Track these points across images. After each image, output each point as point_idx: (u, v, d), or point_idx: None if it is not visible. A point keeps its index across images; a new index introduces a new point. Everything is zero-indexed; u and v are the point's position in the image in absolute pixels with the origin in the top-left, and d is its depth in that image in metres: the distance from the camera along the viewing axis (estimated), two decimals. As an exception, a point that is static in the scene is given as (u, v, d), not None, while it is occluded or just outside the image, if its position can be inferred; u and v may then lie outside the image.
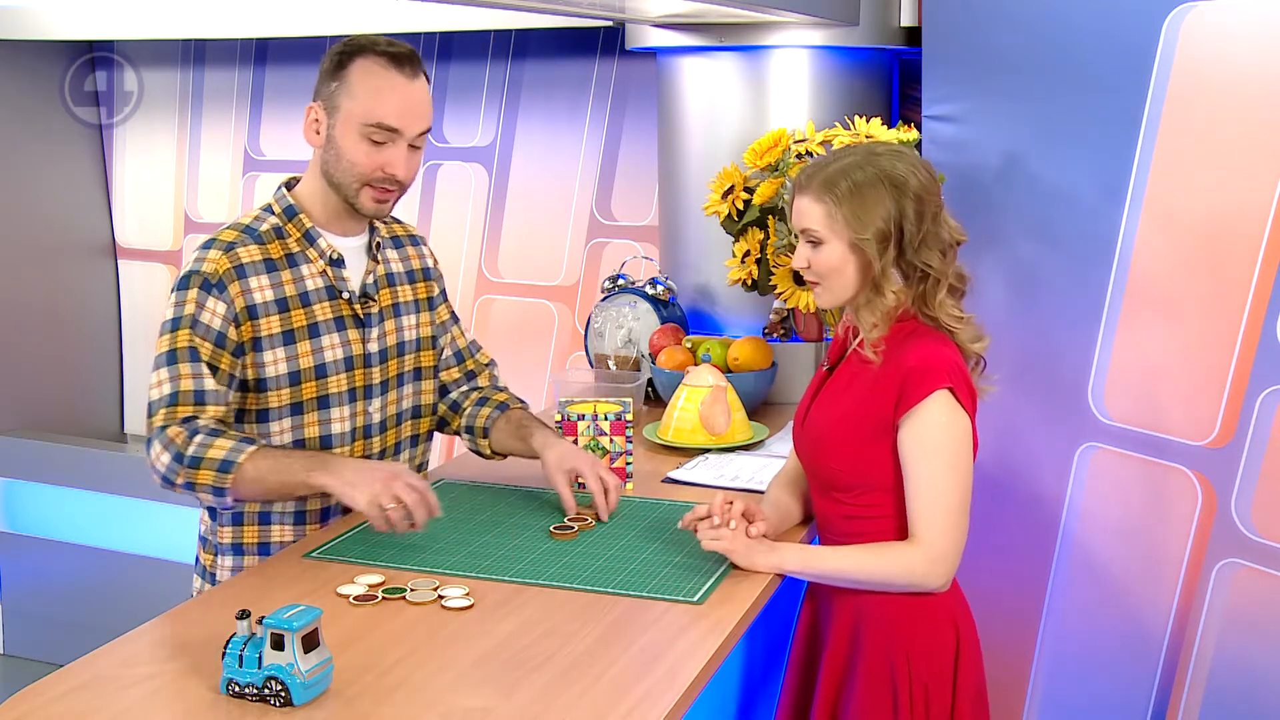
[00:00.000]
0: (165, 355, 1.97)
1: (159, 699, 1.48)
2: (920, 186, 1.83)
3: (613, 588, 1.81)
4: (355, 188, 2.01)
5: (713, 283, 3.06)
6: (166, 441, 1.92)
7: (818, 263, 1.87)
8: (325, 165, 2.03)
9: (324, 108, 2.01)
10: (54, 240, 4.38)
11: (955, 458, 1.82)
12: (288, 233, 2.06)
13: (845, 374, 1.93)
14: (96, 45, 4.40)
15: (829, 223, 1.84)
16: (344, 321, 2.07)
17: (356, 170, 1.99)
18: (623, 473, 2.27)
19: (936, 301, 1.85)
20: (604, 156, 3.71)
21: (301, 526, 2.08)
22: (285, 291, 2.02)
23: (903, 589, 1.85)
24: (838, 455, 1.89)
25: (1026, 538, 2.57)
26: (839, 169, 1.85)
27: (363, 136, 1.98)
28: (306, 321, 2.03)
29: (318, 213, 2.07)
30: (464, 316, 3.89)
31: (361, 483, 1.88)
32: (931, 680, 1.87)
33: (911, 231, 1.82)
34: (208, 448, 1.90)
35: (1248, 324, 2.27)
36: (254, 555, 2.08)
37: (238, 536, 2.08)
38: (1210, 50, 2.30)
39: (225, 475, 1.89)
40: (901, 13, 2.93)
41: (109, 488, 4.03)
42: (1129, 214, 2.41)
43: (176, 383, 1.95)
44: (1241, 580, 2.33)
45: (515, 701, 1.48)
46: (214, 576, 2.12)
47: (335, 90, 1.99)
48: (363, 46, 2.00)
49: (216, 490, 1.91)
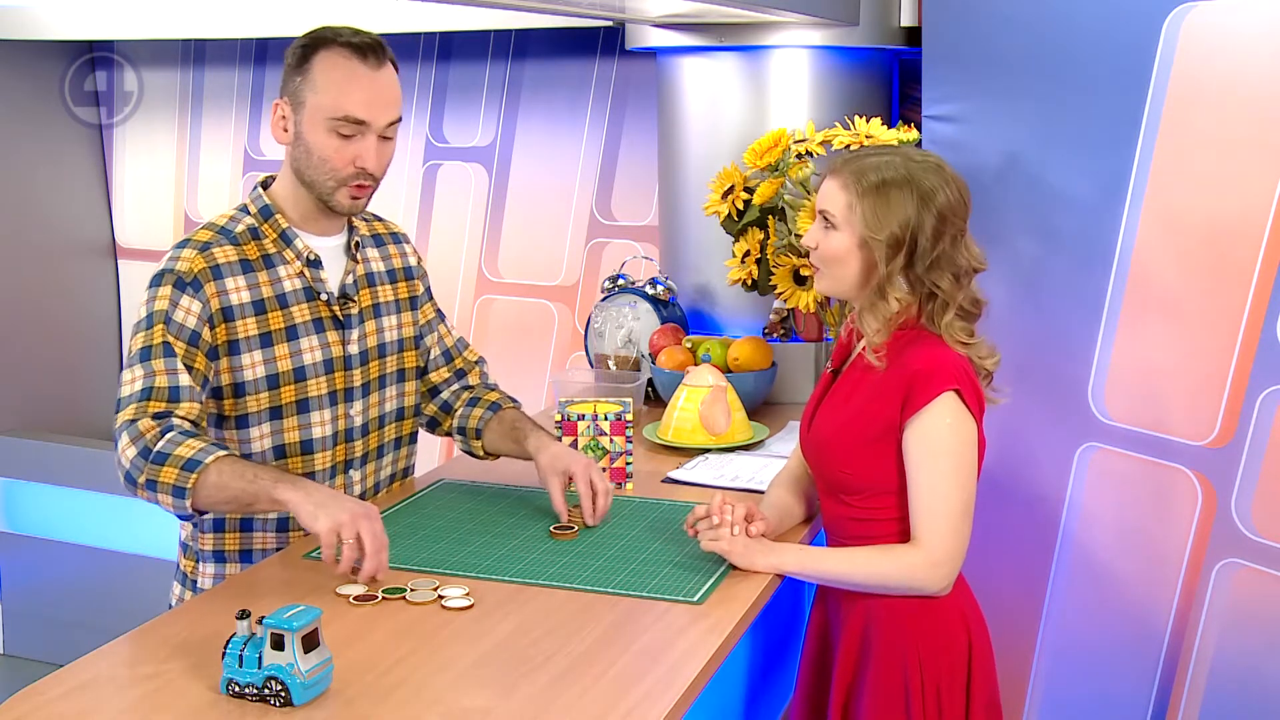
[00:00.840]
0: (140, 352, 1.90)
1: (159, 699, 1.48)
2: (946, 205, 1.81)
3: (613, 588, 1.81)
4: (330, 185, 1.96)
5: (713, 283, 3.05)
6: (136, 435, 1.83)
7: (825, 247, 1.87)
8: (296, 163, 1.98)
9: (290, 104, 1.96)
10: (54, 240, 4.38)
11: (959, 461, 1.81)
12: (264, 233, 2.00)
13: (851, 377, 1.92)
14: (96, 45, 4.40)
15: (847, 212, 1.84)
16: (323, 323, 2.02)
17: (328, 166, 1.94)
18: (622, 473, 2.27)
19: (943, 323, 1.83)
20: (604, 156, 3.71)
21: (285, 534, 2.03)
22: (262, 293, 1.97)
23: (903, 592, 1.85)
24: (844, 458, 1.89)
25: (1026, 538, 2.57)
26: (873, 163, 1.84)
27: (330, 131, 1.93)
28: (284, 324, 1.98)
29: (293, 212, 2.02)
30: (464, 316, 3.89)
31: (330, 508, 1.77)
32: (945, 683, 1.86)
33: (925, 246, 1.80)
34: (177, 445, 1.82)
35: (1248, 324, 2.27)
36: (236, 563, 2.03)
37: (219, 543, 2.03)
38: (1210, 50, 2.30)
39: (189, 475, 1.79)
40: (901, 13, 2.93)
41: (109, 488, 4.02)
42: (1129, 214, 2.41)
43: (151, 379, 1.87)
44: (1241, 580, 2.33)
45: (515, 701, 1.48)
46: (195, 584, 2.07)
47: (300, 85, 1.94)
48: (325, 38, 1.94)
49: (177, 490, 1.80)
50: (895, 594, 1.85)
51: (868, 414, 1.85)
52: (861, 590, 1.87)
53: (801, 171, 2.67)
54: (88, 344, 4.50)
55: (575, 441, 2.26)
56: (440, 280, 3.88)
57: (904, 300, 1.83)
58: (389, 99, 1.97)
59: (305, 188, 1.98)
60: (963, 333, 1.85)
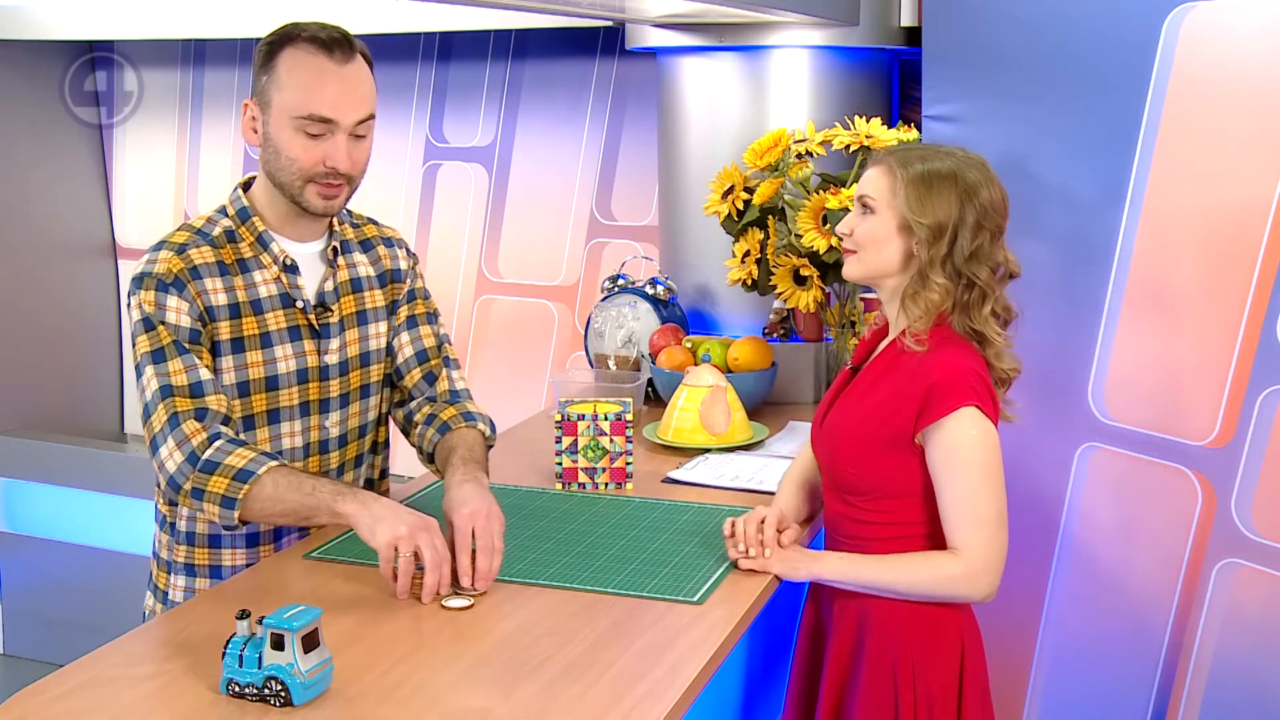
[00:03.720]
0: (148, 355, 1.84)
1: (159, 699, 1.48)
2: (989, 202, 1.83)
3: (613, 588, 1.81)
4: (299, 185, 1.88)
5: (713, 283, 3.06)
6: (182, 439, 1.79)
7: (862, 231, 1.87)
8: (266, 165, 1.91)
9: (258, 104, 1.89)
10: (54, 240, 4.38)
11: (988, 470, 1.80)
12: (240, 236, 1.94)
13: (868, 378, 1.92)
14: (96, 45, 4.40)
15: (889, 195, 1.84)
16: (299, 331, 1.95)
17: (296, 166, 1.87)
18: (623, 473, 2.27)
19: (983, 314, 1.84)
20: (604, 156, 3.71)
21: (255, 549, 1.98)
22: (238, 297, 1.90)
23: (946, 600, 1.85)
24: (853, 459, 1.89)
25: (1026, 538, 2.57)
26: (920, 154, 1.86)
27: (297, 130, 1.85)
28: (259, 330, 1.91)
29: (270, 215, 1.95)
30: (464, 316, 3.89)
31: (388, 522, 1.74)
32: (936, 688, 1.86)
33: (966, 240, 1.81)
34: (227, 454, 1.79)
35: (1248, 324, 2.27)
36: (205, 578, 1.98)
37: (190, 556, 1.98)
38: (1210, 50, 2.30)
39: (240, 485, 1.76)
40: (901, 13, 2.93)
41: (109, 488, 4.03)
42: (1129, 214, 2.41)
43: (167, 377, 1.82)
44: (1241, 580, 2.33)
45: (515, 701, 1.48)
46: (166, 595, 2.01)
47: (266, 84, 1.87)
48: (290, 34, 1.86)
49: (227, 501, 1.77)
50: (938, 602, 1.85)
51: (880, 416, 1.85)
52: (903, 599, 1.86)
53: (801, 171, 2.68)
54: (88, 344, 4.50)
55: (575, 442, 2.26)
56: (440, 280, 3.90)
57: (945, 289, 1.83)
58: (358, 96, 1.88)
59: (277, 189, 1.91)
60: (998, 327, 1.86)
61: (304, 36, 1.86)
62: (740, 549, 1.89)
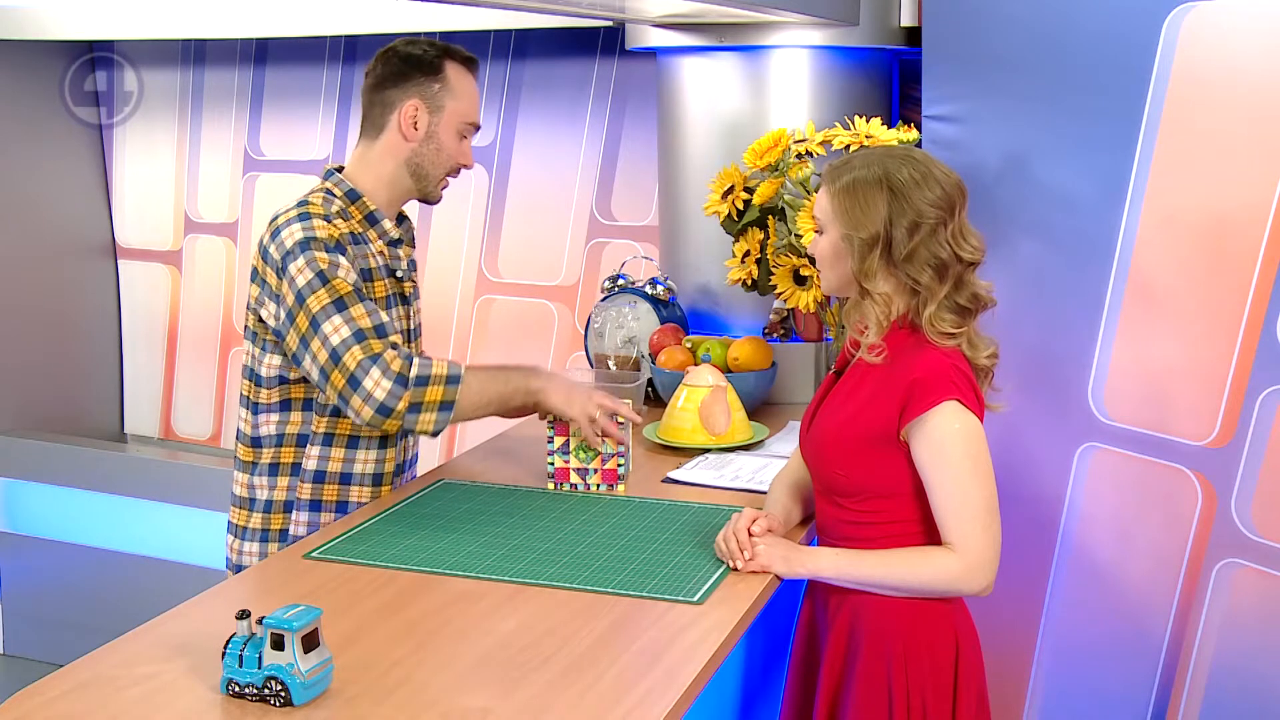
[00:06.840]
0: (330, 305, 2.03)
1: (159, 699, 1.48)
2: (927, 199, 1.81)
3: (613, 588, 1.81)
4: (439, 178, 2.24)
5: (713, 283, 3.05)
6: (384, 368, 2.00)
7: (817, 252, 1.92)
8: (418, 157, 2.21)
9: (427, 107, 2.19)
10: (54, 240, 4.38)
11: (976, 463, 1.81)
12: (350, 214, 2.18)
13: (850, 380, 1.92)
14: (96, 45, 4.40)
15: (827, 214, 1.88)
16: (396, 299, 2.23)
17: (452, 163, 2.23)
18: (614, 474, 2.26)
19: (925, 317, 1.82)
20: (604, 156, 3.71)
21: (379, 488, 2.22)
22: (366, 264, 2.16)
23: (943, 595, 1.86)
24: (840, 461, 1.89)
25: (1026, 538, 2.57)
26: (847, 163, 1.87)
27: (459, 134, 2.23)
28: (383, 293, 2.19)
29: (379, 198, 2.22)
30: (464, 316, 3.89)
31: (577, 397, 2.16)
32: (930, 686, 1.86)
33: (901, 240, 1.81)
34: (429, 366, 2.04)
35: (1248, 324, 2.27)
36: (331, 513, 2.19)
37: (317, 494, 2.19)
38: (1210, 50, 2.30)
39: (454, 389, 2.04)
40: (901, 13, 2.93)
41: (109, 488, 4.03)
42: (1129, 214, 2.41)
43: (354, 322, 2.03)
44: (1241, 580, 2.33)
45: (515, 701, 1.48)
46: (265, 535, 2.21)
47: (439, 91, 2.20)
48: (448, 50, 2.21)
49: (445, 405, 2.03)
50: (934, 597, 1.86)
51: (865, 417, 1.86)
52: (900, 595, 1.86)
53: (801, 171, 2.67)
54: (88, 344, 4.50)
55: (567, 442, 2.25)
56: (440, 280, 3.91)
57: (887, 295, 1.83)
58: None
59: (415, 180, 2.22)
60: (948, 324, 1.83)
61: (459, 56, 2.23)
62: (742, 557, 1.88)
